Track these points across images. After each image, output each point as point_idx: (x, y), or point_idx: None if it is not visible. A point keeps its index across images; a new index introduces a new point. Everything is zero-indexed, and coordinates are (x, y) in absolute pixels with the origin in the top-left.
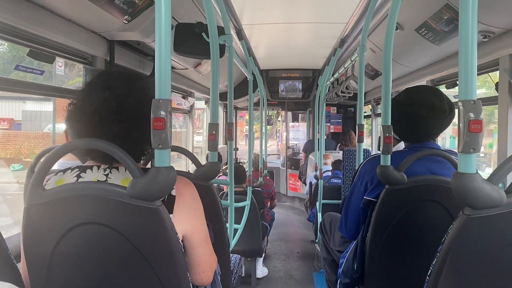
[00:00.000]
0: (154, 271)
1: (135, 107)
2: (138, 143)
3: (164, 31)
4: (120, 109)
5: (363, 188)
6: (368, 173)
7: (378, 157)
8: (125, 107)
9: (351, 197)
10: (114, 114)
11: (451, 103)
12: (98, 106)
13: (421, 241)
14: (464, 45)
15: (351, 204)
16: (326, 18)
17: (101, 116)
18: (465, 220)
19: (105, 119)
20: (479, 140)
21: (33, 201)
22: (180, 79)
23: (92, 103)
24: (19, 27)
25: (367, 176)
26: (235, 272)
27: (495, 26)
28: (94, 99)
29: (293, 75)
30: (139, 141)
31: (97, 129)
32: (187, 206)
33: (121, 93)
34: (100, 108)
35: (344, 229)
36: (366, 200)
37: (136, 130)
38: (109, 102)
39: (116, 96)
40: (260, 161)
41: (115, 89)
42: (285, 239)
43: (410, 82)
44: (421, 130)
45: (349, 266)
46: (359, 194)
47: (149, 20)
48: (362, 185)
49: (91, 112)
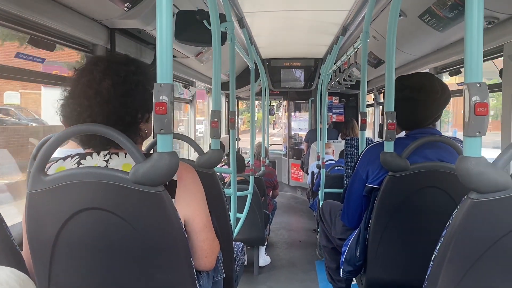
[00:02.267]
0: (157, 256)
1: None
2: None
3: (165, 11)
4: (91, 94)
5: (365, 176)
6: (370, 160)
7: (379, 144)
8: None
9: (352, 185)
10: (86, 99)
11: (443, 83)
12: (78, 92)
13: (424, 227)
14: (470, 27)
15: (352, 192)
16: (328, 5)
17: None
18: (470, 204)
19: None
20: (485, 123)
21: (36, 187)
22: (181, 68)
23: (74, 89)
24: (19, 15)
25: (369, 163)
26: (238, 260)
27: (499, 12)
28: (76, 85)
29: (295, 64)
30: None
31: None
32: (188, 191)
33: (95, 78)
34: (80, 94)
35: (346, 217)
36: (369, 187)
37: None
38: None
39: (90, 81)
40: (262, 151)
41: (92, 74)
42: (287, 228)
43: (413, 69)
44: (416, 114)
45: (352, 254)
46: (361, 182)
47: (149, 7)
48: (364, 173)
49: (73, 97)
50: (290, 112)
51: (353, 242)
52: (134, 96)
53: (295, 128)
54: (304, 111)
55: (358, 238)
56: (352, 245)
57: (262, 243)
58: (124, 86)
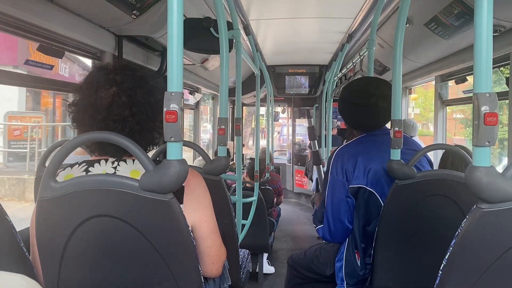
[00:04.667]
0: (165, 263)
1: (142, 98)
2: (152, 133)
3: (176, 24)
4: (131, 103)
5: (344, 178)
6: (346, 161)
7: (348, 145)
8: (134, 99)
9: (333, 194)
10: (126, 108)
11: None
12: (110, 102)
13: (432, 236)
14: (479, 37)
15: (334, 202)
16: (334, 13)
17: (113, 112)
18: (479, 214)
19: (118, 115)
20: (494, 133)
21: (46, 194)
22: (187, 74)
23: (101, 100)
24: (29, 22)
25: (345, 164)
26: (244, 267)
27: (506, 21)
28: (102, 96)
29: (300, 71)
30: (153, 130)
31: (113, 125)
32: (195, 197)
33: (129, 87)
34: (112, 104)
35: (328, 234)
36: (354, 188)
37: (148, 120)
38: (119, 97)
39: (124, 90)
40: (267, 157)
41: (123, 83)
42: (292, 235)
43: (418, 77)
44: (379, 118)
45: (352, 265)
46: (342, 186)
47: (157, 15)
48: (342, 175)
49: (103, 109)
50: (295, 119)
51: (348, 254)
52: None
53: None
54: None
55: (352, 247)
56: (348, 257)
57: (267, 250)
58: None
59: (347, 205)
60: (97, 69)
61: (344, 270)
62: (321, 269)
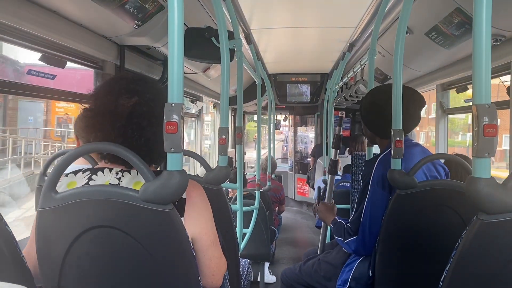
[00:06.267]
0: (165, 274)
1: (160, 110)
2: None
3: (176, 36)
4: (151, 113)
5: (386, 190)
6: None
7: (388, 154)
8: (153, 111)
9: (372, 207)
10: (145, 118)
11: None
12: (131, 110)
13: (433, 246)
14: (478, 49)
15: (373, 215)
16: (335, 22)
17: (133, 121)
18: (479, 225)
19: (137, 124)
20: (494, 144)
21: (46, 205)
22: (189, 83)
23: (122, 108)
24: (31, 32)
25: (386, 177)
26: (245, 277)
27: (506, 30)
28: (122, 104)
29: (301, 79)
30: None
31: (131, 133)
32: (196, 209)
33: (150, 98)
34: (132, 113)
35: (362, 246)
36: None
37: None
38: (140, 107)
39: (145, 100)
40: (269, 165)
41: (144, 93)
42: (293, 244)
43: (419, 86)
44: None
45: (364, 271)
46: (383, 198)
47: (159, 24)
48: (383, 187)
49: (123, 117)
50: (296, 127)
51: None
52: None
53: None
54: (310, 126)
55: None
56: (362, 263)
57: (268, 259)
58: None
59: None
60: (117, 78)
61: (353, 273)
62: (322, 283)
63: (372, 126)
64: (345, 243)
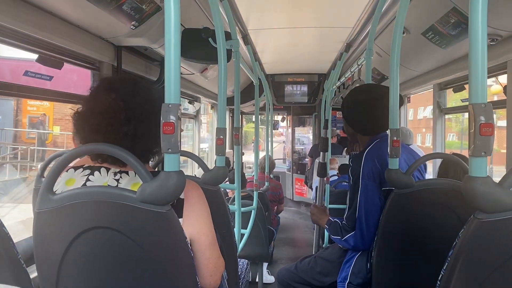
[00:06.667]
0: (163, 275)
1: (140, 106)
2: (146, 141)
3: (173, 36)
4: (127, 108)
5: (377, 182)
6: (376, 166)
7: (373, 148)
8: (131, 106)
9: (366, 200)
10: (121, 113)
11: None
12: (106, 107)
13: (431, 245)
14: (474, 49)
15: (368, 207)
16: (332, 22)
17: (109, 116)
18: (476, 224)
19: (113, 119)
20: (490, 143)
21: (44, 206)
22: (186, 84)
23: (99, 105)
24: (28, 33)
25: (375, 169)
26: (243, 277)
27: (503, 30)
28: (100, 102)
29: (299, 80)
30: (146, 138)
31: (107, 129)
32: (194, 209)
33: (126, 93)
34: (108, 109)
35: (361, 241)
36: (386, 190)
37: (143, 127)
38: (116, 102)
39: (121, 96)
40: (267, 165)
41: (120, 89)
42: (292, 244)
43: (416, 86)
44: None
45: (362, 266)
46: (375, 190)
47: (156, 25)
48: (374, 179)
49: (99, 113)
50: (294, 127)
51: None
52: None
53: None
54: (308, 126)
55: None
56: (360, 258)
57: (266, 260)
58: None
59: (379, 209)
60: (101, 80)
61: (352, 269)
62: (319, 279)
63: (353, 124)
64: (343, 240)
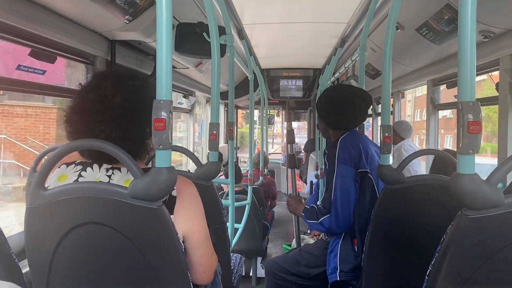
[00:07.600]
0: (154, 271)
1: (120, 104)
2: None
3: (165, 32)
4: (103, 109)
5: (352, 165)
6: (351, 149)
7: (348, 136)
8: (108, 107)
9: (342, 182)
10: (97, 114)
11: None
12: (88, 107)
13: (421, 240)
14: (463, 47)
15: (343, 189)
16: (327, 17)
17: (89, 116)
18: (463, 220)
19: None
20: (478, 141)
21: (35, 201)
22: (181, 78)
23: (82, 104)
24: (20, 27)
25: (352, 152)
26: (236, 272)
27: (495, 26)
28: (84, 101)
29: (294, 74)
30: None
31: (88, 126)
32: (187, 206)
33: (106, 94)
34: (89, 109)
35: (335, 223)
36: (361, 172)
37: (117, 129)
38: (94, 103)
39: (101, 96)
40: (261, 160)
41: (102, 89)
42: (286, 238)
43: (410, 81)
44: (359, 118)
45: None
46: (351, 173)
47: (150, 19)
48: (350, 162)
49: (81, 112)
50: (289, 121)
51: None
52: (144, 111)
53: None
54: (303, 120)
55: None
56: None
57: (260, 254)
58: (134, 101)
59: (354, 191)
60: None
61: (339, 257)
62: (305, 271)
63: (326, 119)
64: (319, 223)
